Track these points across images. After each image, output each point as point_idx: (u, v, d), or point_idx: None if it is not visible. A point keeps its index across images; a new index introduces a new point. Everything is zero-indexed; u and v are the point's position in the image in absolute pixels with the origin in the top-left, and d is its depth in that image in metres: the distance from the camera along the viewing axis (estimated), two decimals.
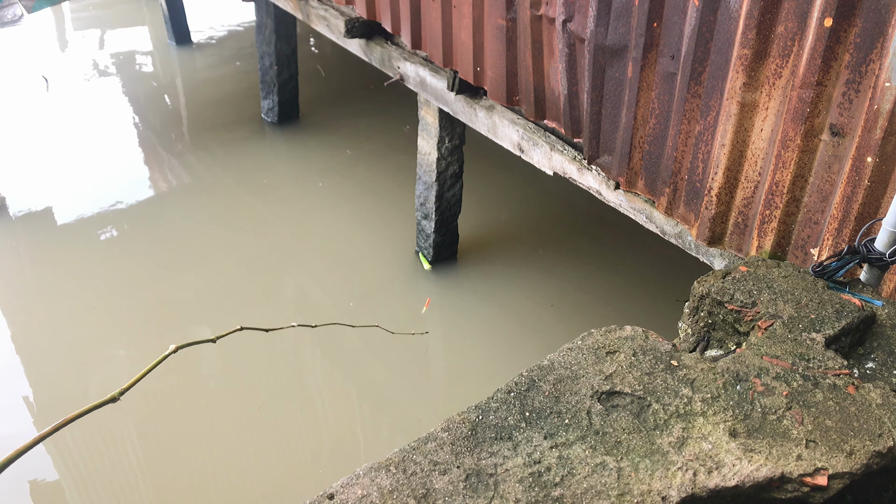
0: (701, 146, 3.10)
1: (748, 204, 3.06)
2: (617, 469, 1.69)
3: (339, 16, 5.47)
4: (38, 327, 5.23)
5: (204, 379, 4.86)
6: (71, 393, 4.73)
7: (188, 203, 6.52)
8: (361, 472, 1.68)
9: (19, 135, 7.45)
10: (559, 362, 1.98)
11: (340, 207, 6.38)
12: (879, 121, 2.50)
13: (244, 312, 5.34)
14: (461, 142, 5.26)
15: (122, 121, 7.74)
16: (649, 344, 2.03)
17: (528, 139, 4.17)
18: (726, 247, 3.23)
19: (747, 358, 2.01)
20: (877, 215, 2.63)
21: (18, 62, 8.90)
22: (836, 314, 2.16)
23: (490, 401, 1.88)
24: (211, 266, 5.77)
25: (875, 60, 2.47)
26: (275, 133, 7.43)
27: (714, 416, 1.82)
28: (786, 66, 2.71)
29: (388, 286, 5.57)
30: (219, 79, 8.52)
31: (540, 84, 3.90)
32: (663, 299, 5.28)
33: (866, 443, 1.78)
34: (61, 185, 6.70)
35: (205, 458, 4.35)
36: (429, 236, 5.60)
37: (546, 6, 3.60)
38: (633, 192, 3.60)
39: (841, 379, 1.95)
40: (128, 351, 5.04)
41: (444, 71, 4.70)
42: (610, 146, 3.55)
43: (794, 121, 2.72)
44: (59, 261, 5.85)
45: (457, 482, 1.66)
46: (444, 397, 4.80)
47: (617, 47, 3.26)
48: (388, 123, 7.48)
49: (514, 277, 5.61)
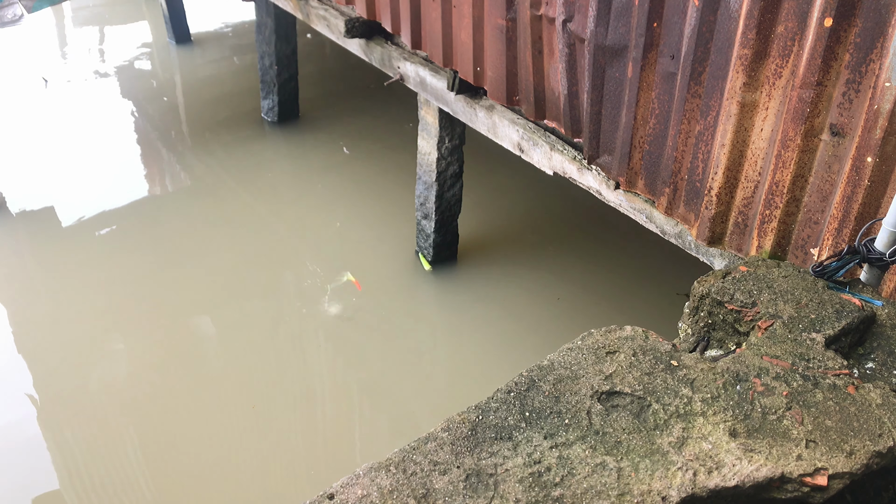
0: (701, 146, 3.10)
1: (748, 204, 3.06)
2: (617, 469, 1.69)
3: (339, 16, 5.47)
4: (39, 324, 5.23)
5: (204, 378, 4.86)
6: (71, 388, 4.74)
7: (188, 202, 6.52)
8: (361, 472, 1.68)
9: (20, 133, 7.45)
10: (559, 362, 1.98)
11: (340, 207, 6.38)
12: (879, 121, 2.50)
13: (244, 310, 5.34)
14: (461, 142, 5.26)
15: (121, 120, 7.73)
16: (649, 344, 2.03)
17: (528, 139, 4.17)
18: (726, 247, 3.23)
19: (747, 358, 2.01)
20: (877, 215, 2.63)
21: (18, 62, 8.89)
22: (836, 314, 2.16)
23: (490, 401, 1.88)
24: (210, 264, 5.77)
25: (875, 60, 2.47)
26: (275, 132, 7.43)
27: (714, 416, 1.82)
28: (786, 66, 2.71)
29: (388, 286, 5.57)
30: (219, 78, 8.52)
31: (540, 84, 3.90)
32: (664, 299, 5.28)
33: (866, 443, 1.78)
34: (61, 184, 6.70)
35: (204, 457, 4.35)
36: (429, 236, 5.60)
37: (546, 6, 3.60)
38: (633, 192, 3.60)
39: (841, 379, 1.95)
40: (128, 347, 5.05)
41: (444, 71, 4.70)
42: (610, 146, 3.55)
43: (794, 121, 2.72)
44: (59, 258, 5.85)
45: (457, 482, 1.66)
46: (444, 397, 4.80)
47: (617, 47, 3.26)
48: (387, 123, 7.48)
49: (514, 277, 5.61)
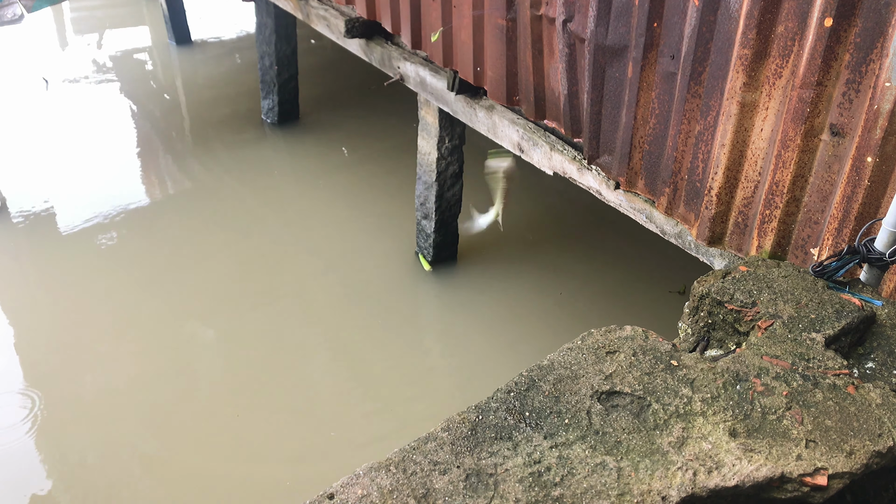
0: (701, 146, 3.10)
1: (748, 204, 3.06)
2: (617, 469, 1.69)
3: (339, 16, 5.47)
4: (38, 327, 5.23)
5: (204, 379, 4.86)
6: (69, 391, 4.73)
7: (188, 203, 6.52)
8: (361, 472, 1.68)
9: (20, 135, 7.45)
10: (559, 362, 1.98)
11: (340, 207, 6.38)
12: (879, 121, 2.50)
13: (244, 311, 5.34)
14: (461, 142, 5.26)
15: (121, 121, 7.73)
16: (649, 344, 2.03)
17: (528, 139, 4.17)
18: (726, 247, 3.23)
19: (747, 358, 2.01)
20: (877, 215, 2.63)
21: (19, 63, 8.89)
22: (836, 314, 2.16)
23: (490, 401, 1.88)
24: (210, 265, 5.77)
25: (875, 60, 2.47)
26: (275, 133, 7.43)
27: (714, 416, 1.82)
28: (786, 66, 2.71)
29: (388, 286, 5.57)
30: (219, 79, 8.51)
31: (540, 84, 3.90)
32: (663, 300, 5.28)
33: (866, 443, 1.77)
34: (61, 186, 6.70)
35: (204, 458, 4.35)
36: (429, 236, 5.59)
37: (546, 6, 3.60)
38: (633, 192, 3.60)
39: (841, 379, 1.95)
40: (127, 349, 5.04)
41: (444, 71, 4.70)
42: (610, 146, 3.55)
43: (795, 121, 2.72)
44: (59, 260, 5.85)
45: (457, 482, 1.66)
46: (444, 397, 4.80)
47: (617, 47, 3.26)
48: (387, 124, 7.48)
49: (513, 277, 5.61)
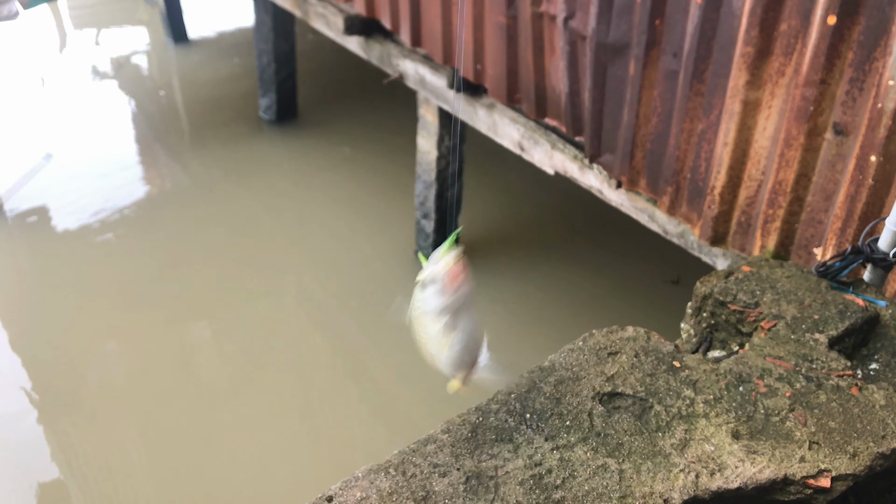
0: (704, 145, 3.08)
1: (751, 203, 3.04)
2: (619, 471, 1.67)
3: (337, 13, 5.45)
4: (36, 326, 5.21)
5: (203, 379, 4.84)
6: (67, 390, 4.72)
7: (185, 201, 6.50)
8: (360, 475, 1.67)
9: (16, 134, 7.43)
10: (560, 363, 1.96)
11: (339, 206, 6.36)
12: (883, 119, 2.48)
13: (243, 311, 5.32)
14: (461, 140, 5.24)
15: (119, 120, 7.71)
16: (651, 345, 2.02)
17: (529, 138, 4.15)
18: (729, 246, 3.21)
19: (750, 359, 1.99)
20: (881, 215, 2.61)
21: (15, 61, 8.87)
22: (840, 315, 2.14)
23: (490, 402, 1.86)
24: (209, 264, 5.75)
25: (879, 58, 2.45)
26: (273, 131, 7.40)
27: (717, 418, 1.81)
28: (789, 64, 2.69)
29: (388, 286, 5.55)
30: (217, 77, 8.49)
31: (541, 82, 3.88)
32: (665, 300, 5.26)
33: (870, 444, 1.76)
34: (58, 185, 6.67)
35: (203, 459, 4.33)
36: (429, 236, 5.58)
37: (547, 3, 3.58)
38: (635, 192, 3.58)
39: (844, 380, 1.93)
40: (125, 348, 5.03)
41: (444, 69, 4.68)
42: (612, 145, 3.53)
43: (798, 119, 2.70)
44: (56, 259, 5.83)
45: (457, 484, 1.64)
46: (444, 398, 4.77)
47: (619, 45, 3.24)
48: (386, 122, 7.45)
49: (514, 277, 5.59)
